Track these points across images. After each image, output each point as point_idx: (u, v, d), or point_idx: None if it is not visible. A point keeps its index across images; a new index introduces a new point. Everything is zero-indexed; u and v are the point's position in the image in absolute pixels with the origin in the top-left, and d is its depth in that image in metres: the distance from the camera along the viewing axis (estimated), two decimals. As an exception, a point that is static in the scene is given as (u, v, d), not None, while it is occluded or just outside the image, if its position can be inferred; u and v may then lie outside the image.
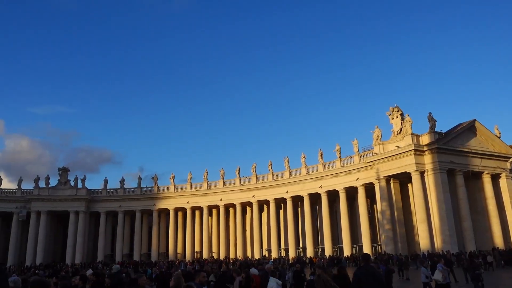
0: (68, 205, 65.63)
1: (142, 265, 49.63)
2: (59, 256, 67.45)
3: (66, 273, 24.46)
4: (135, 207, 67.25)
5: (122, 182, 69.21)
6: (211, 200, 64.84)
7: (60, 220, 69.02)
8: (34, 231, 63.51)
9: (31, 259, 61.59)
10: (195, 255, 65.09)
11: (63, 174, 67.91)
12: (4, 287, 7.35)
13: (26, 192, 66.09)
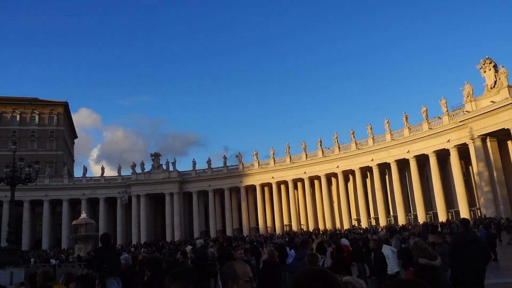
0: (163, 187, 70.37)
1: (235, 240, 52.00)
2: (160, 234, 73.06)
3: (169, 249, 26.44)
4: (223, 185, 70.13)
5: (209, 162, 72.47)
6: (295, 174, 65.36)
7: (158, 202, 74.40)
8: (136, 213, 69.30)
9: (136, 238, 67.52)
10: (285, 228, 66.52)
11: (155, 159, 72.82)
12: (117, 264, 8.18)
13: (125, 178, 72.01)
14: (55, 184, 69.47)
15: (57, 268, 27.30)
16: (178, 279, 3.70)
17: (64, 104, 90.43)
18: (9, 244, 24.39)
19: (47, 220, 68.67)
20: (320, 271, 2.20)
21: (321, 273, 2.18)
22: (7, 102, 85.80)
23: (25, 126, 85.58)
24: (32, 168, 25.01)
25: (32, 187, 49.95)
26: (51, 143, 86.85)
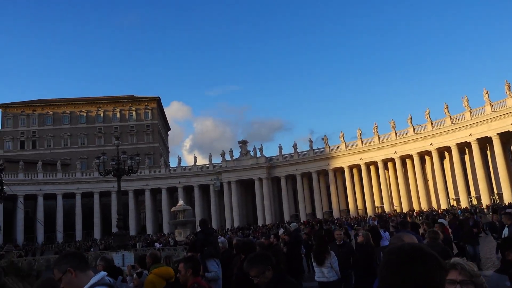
0: (251, 173, 72.24)
1: (326, 222, 51.84)
2: (252, 219, 75.38)
3: (262, 233, 27.23)
4: (310, 168, 69.97)
5: (295, 147, 72.73)
6: (385, 154, 62.95)
7: (248, 187, 76.65)
8: (228, 199, 72.17)
9: (229, 222, 70.46)
10: (376, 210, 64.69)
11: (243, 146, 74.90)
12: (217, 247, 8.68)
13: (216, 166, 75.18)
14: (154, 174, 74.84)
15: (161, 251, 29.51)
16: (256, 264, 3.80)
17: (157, 99, 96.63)
18: (119, 230, 26.90)
19: (149, 207, 74.53)
20: (413, 246, 1.87)
21: (414, 249, 1.84)
22: (109, 101, 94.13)
23: (125, 122, 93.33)
24: (133, 161, 27.20)
25: (134, 177, 54.37)
26: (148, 136, 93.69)
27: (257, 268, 3.75)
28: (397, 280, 1.76)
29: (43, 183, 67.22)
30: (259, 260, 3.82)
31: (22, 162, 68.02)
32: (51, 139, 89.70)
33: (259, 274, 3.74)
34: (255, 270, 3.76)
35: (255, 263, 3.79)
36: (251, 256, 3.95)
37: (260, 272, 3.74)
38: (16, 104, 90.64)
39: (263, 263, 3.78)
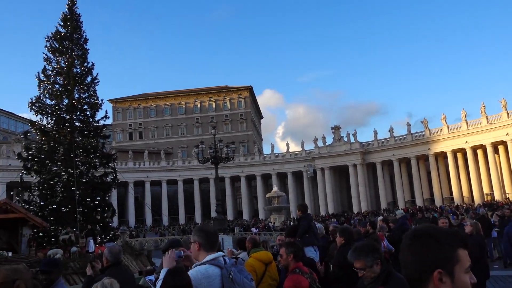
0: (345, 159, 70.75)
1: (427, 210, 48.98)
2: (347, 205, 74.06)
3: (359, 220, 26.65)
4: (408, 154, 66.41)
5: (391, 131, 69.53)
6: (494, 136, 57.28)
7: (341, 173, 75.33)
8: (322, 185, 71.67)
9: (324, 209, 70.02)
10: (485, 198, 59.39)
11: (336, 132, 73.57)
12: (315, 234, 8.67)
13: (309, 152, 74.96)
14: (249, 162, 77.00)
15: (257, 235, 30.37)
16: (364, 256, 3.37)
17: (249, 88, 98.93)
18: (218, 214, 28.30)
19: (245, 193, 77.07)
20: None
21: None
22: (204, 93, 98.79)
23: (220, 112, 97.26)
24: (229, 148, 28.30)
25: (231, 165, 56.45)
26: (241, 125, 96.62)
27: (365, 260, 3.37)
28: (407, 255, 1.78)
29: (149, 171, 73.02)
30: (367, 251, 3.43)
31: (131, 152, 74.56)
32: (155, 130, 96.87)
33: (366, 267, 3.36)
34: (362, 262, 3.38)
35: (362, 254, 3.40)
36: (359, 246, 3.59)
37: (367, 265, 3.36)
38: (124, 99, 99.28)
39: (372, 255, 3.40)
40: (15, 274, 2.37)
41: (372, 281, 3.39)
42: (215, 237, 3.35)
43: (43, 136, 26.62)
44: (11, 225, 20.24)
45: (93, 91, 28.69)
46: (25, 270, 2.48)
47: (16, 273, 2.38)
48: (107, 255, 4.97)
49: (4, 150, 62.27)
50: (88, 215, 25.43)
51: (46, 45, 27.71)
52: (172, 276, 2.80)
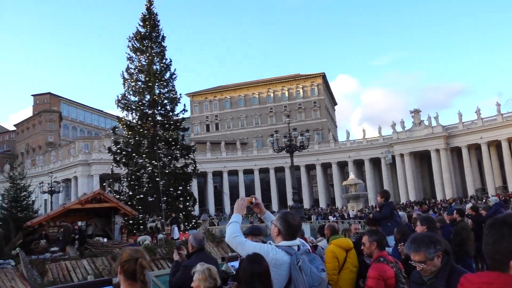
0: (426, 144, 67.09)
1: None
2: (429, 193, 70.38)
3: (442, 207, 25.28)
4: (499, 136, 61.15)
5: (478, 112, 64.48)
6: None
7: (422, 159, 71.64)
8: (401, 172, 68.75)
9: (404, 197, 67.20)
10: None
11: (415, 115, 69.93)
12: (398, 222, 8.36)
13: (386, 138, 72.20)
14: (324, 149, 76.06)
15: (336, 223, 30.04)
16: (424, 248, 3.01)
17: (322, 75, 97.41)
18: (295, 203, 28.38)
19: (320, 181, 76.40)
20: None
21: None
22: (277, 82, 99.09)
23: (293, 100, 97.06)
24: (304, 137, 28.16)
25: (305, 153, 56.17)
26: (315, 113, 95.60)
27: (426, 253, 3.01)
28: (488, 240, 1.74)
29: (226, 161, 75.17)
30: (428, 242, 3.05)
31: (209, 143, 77.27)
32: (230, 121, 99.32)
33: (427, 260, 3.00)
34: (422, 255, 3.01)
35: (423, 245, 3.03)
36: (418, 236, 3.18)
37: (428, 257, 2.99)
38: (200, 92, 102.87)
39: (434, 247, 3.02)
40: (137, 253, 2.76)
41: (433, 276, 3.06)
42: (297, 230, 3.34)
43: (129, 131, 28.52)
44: (105, 214, 22.08)
45: (172, 86, 30.07)
46: (144, 251, 2.90)
47: (137, 252, 2.78)
48: (192, 242, 5.21)
49: (96, 145, 67.77)
50: (171, 204, 26.88)
51: (128, 45, 29.52)
52: (250, 263, 2.85)
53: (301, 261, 3.08)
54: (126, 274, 2.71)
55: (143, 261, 2.73)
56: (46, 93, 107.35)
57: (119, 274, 2.76)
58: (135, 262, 2.70)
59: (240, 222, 3.40)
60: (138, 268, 2.70)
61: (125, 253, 2.79)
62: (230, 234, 3.31)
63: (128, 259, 2.72)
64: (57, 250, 17.35)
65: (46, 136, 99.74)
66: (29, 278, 13.68)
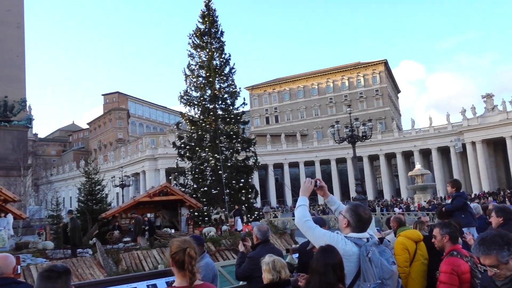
0: (501, 130, 62.60)
1: None
2: (504, 183, 65.74)
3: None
4: None
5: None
6: None
7: (496, 147, 66.99)
8: (473, 161, 64.78)
9: (477, 188, 63.32)
10: None
11: (488, 100, 65.36)
12: (472, 214, 7.90)
13: (455, 125, 68.32)
14: (387, 139, 73.57)
15: (404, 216, 29.05)
16: (496, 251, 2.57)
17: (384, 62, 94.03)
18: (358, 194, 27.77)
19: (384, 172, 74.09)
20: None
21: None
22: (336, 71, 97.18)
23: (353, 90, 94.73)
24: (366, 127, 27.39)
25: (368, 143, 54.65)
26: (377, 101, 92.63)
27: (497, 256, 2.56)
28: None
29: (287, 153, 75.21)
30: (499, 243, 2.58)
31: (269, 136, 77.72)
32: (290, 113, 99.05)
33: (500, 264, 2.56)
34: (494, 258, 2.57)
35: (493, 248, 2.58)
36: (488, 237, 2.68)
37: (501, 261, 2.55)
38: (259, 85, 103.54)
39: (506, 249, 2.56)
40: (185, 244, 2.85)
41: (508, 281, 2.59)
42: (367, 223, 3.24)
43: (192, 126, 29.43)
44: (172, 206, 23.01)
45: (231, 80, 30.55)
46: (192, 240, 2.98)
47: (185, 243, 2.86)
48: (256, 233, 5.26)
49: (161, 140, 70.70)
50: (234, 196, 27.40)
51: (189, 42, 30.37)
52: (324, 254, 2.82)
53: (371, 252, 3.00)
54: (177, 265, 2.78)
55: (191, 251, 2.79)
56: (114, 92, 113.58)
57: (172, 266, 2.84)
58: (184, 253, 2.76)
59: (307, 205, 3.36)
60: (186, 258, 2.75)
61: (174, 245, 2.86)
62: (300, 217, 3.28)
63: (177, 250, 2.79)
64: (129, 240, 18.38)
65: (116, 133, 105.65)
66: (105, 266, 14.63)
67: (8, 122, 26.59)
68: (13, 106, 27.02)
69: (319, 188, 3.52)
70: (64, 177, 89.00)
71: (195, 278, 2.77)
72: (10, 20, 27.97)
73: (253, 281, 4.31)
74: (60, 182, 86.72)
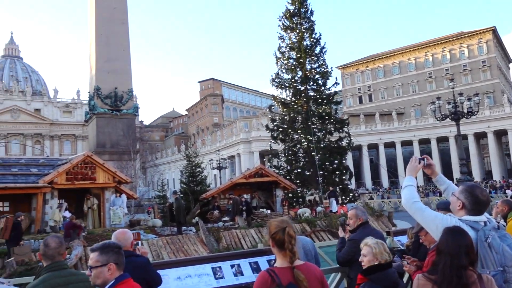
0: None
1: None
2: None
3: None
4: None
5: None
6: None
7: None
8: None
9: None
10: None
11: None
12: None
13: None
14: (496, 115, 66.77)
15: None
16: None
17: (492, 29, 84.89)
18: (463, 175, 25.76)
19: (493, 151, 67.58)
20: None
21: None
22: (436, 43, 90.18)
23: (456, 62, 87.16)
24: (472, 102, 25.14)
25: (473, 120, 50.27)
26: (484, 74, 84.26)
27: None
28: None
29: (382, 133, 72.25)
30: None
31: (362, 115, 75.28)
32: (384, 91, 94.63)
33: None
34: None
35: None
36: None
37: None
38: (351, 64, 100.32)
39: None
40: (283, 223, 2.90)
41: None
42: (485, 206, 2.96)
43: (284, 108, 29.66)
44: (267, 187, 23.62)
45: (322, 60, 30.08)
46: (289, 220, 3.04)
47: (283, 222, 2.92)
48: (360, 215, 5.14)
49: (254, 123, 72.42)
50: (327, 177, 27.23)
51: (279, 25, 30.43)
52: (454, 236, 2.62)
53: (490, 237, 2.77)
54: (278, 245, 2.82)
55: (290, 230, 2.82)
56: (209, 79, 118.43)
57: (272, 246, 2.89)
58: (283, 232, 2.79)
59: (415, 185, 3.17)
60: (286, 237, 2.78)
61: (273, 225, 2.90)
62: (408, 198, 3.08)
63: (276, 230, 2.83)
64: (228, 220, 19.31)
65: (211, 118, 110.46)
66: (208, 243, 15.59)
67: (119, 111, 29.24)
68: (122, 96, 29.61)
69: (426, 166, 3.35)
70: (167, 160, 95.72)
71: (296, 258, 2.81)
72: (116, 18, 30.47)
73: (355, 265, 4.27)
74: (164, 165, 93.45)
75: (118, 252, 2.87)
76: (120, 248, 2.93)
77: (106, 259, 2.78)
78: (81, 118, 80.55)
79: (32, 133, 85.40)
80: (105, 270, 2.75)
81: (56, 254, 3.35)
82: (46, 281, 3.18)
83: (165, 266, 4.54)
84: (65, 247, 3.58)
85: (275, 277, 2.71)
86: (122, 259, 2.88)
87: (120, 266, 2.83)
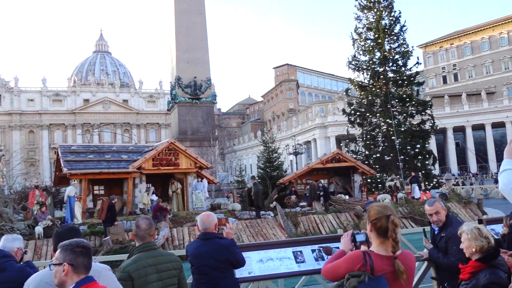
0: None
1: None
2: None
3: None
4: None
5: None
6: None
7: None
8: None
9: None
10: None
11: None
12: None
13: None
14: None
15: None
16: None
17: None
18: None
19: None
20: None
21: None
22: None
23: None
24: None
25: None
26: None
27: None
28: None
29: (469, 114, 67.23)
30: None
31: (447, 96, 70.47)
32: (472, 69, 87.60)
33: None
34: None
35: None
36: None
37: None
38: (434, 42, 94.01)
39: None
40: (387, 210, 2.73)
41: None
42: None
43: (361, 91, 28.77)
44: (344, 173, 23.22)
45: (402, 39, 28.62)
46: (392, 207, 2.82)
47: (387, 209, 2.74)
48: (442, 206, 4.83)
49: (331, 108, 71.09)
50: (409, 162, 26.05)
51: (355, 5, 29.38)
52: None
53: None
54: (379, 232, 2.66)
55: (395, 218, 2.65)
56: (284, 65, 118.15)
57: (370, 231, 2.73)
58: (387, 220, 2.64)
59: None
60: (390, 225, 2.63)
61: (374, 210, 2.73)
62: (506, 183, 2.76)
63: (378, 216, 2.67)
64: (305, 205, 19.35)
65: (287, 104, 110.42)
66: (286, 228, 15.80)
67: (198, 100, 30.43)
68: (201, 85, 30.72)
69: None
70: (245, 146, 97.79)
71: (398, 248, 2.67)
72: (193, 9, 31.50)
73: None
74: (241, 151, 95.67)
75: (80, 253, 2.47)
76: (86, 249, 2.52)
77: (62, 257, 2.45)
78: (163, 107, 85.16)
79: (121, 122, 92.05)
80: (60, 270, 2.43)
81: (146, 235, 3.62)
82: (138, 261, 3.46)
83: (247, 249, 4.68)
84: (155, 229, 3.84)
85: (369, 261, 2.61)
86: (84, 261, 2.47)
87: (79, 269, 2.43)
